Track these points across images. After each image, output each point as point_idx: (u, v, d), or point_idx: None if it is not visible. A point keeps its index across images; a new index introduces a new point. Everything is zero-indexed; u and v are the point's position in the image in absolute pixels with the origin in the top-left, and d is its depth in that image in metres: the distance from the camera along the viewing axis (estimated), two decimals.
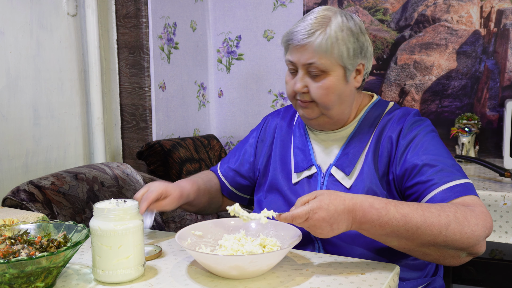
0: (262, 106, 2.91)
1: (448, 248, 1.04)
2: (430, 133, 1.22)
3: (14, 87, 1.90)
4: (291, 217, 1.00)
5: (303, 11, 2.76)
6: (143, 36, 2.39)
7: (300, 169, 1.30)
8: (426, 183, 1.13)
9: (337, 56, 1.18)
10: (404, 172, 1.18)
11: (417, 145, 1.19)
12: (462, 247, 1.04)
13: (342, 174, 1.24)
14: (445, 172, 1.13)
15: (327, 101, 1.21)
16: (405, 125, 1.23)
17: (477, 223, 1.03)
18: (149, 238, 1.27)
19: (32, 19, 1.98)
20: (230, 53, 2.95)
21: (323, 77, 1.20)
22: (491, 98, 2.46)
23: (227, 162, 1.48)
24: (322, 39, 1.17)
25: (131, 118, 2.45)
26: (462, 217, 1.03)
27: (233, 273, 0.99)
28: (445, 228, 1.02)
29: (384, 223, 1.01)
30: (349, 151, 1.25)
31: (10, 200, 1.46)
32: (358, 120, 1.29)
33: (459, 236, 1.02)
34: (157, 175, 2.31)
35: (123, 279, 0.99)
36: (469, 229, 1.02)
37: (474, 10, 2.44)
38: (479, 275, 2.45)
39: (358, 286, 0.97)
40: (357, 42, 1.20)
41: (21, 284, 0.93)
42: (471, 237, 1.02)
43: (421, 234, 1.02)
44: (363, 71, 1.25)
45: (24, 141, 1.96)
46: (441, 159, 1.16)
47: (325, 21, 1.19)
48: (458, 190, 1.11)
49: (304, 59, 1.19)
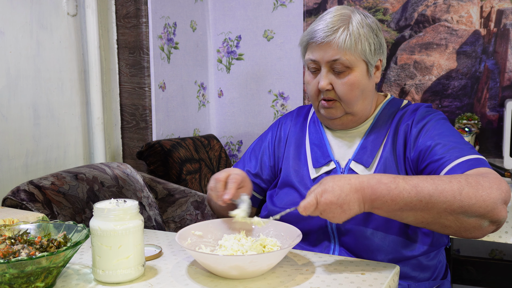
0: (262, 106, 2.91)
1: (467, 216, 1.01)
2: (442, 119, 1.25)
3: (14, 87, 1.90)
4: (303, 208, 1.01)
5: (303, 11, 2.76)
6: (143, 36, 2.39)
7: (319, 164, 1.30)
8: (439, 161, 1.14)
9: (360, 52, 1.21)
10: (418, 155, 1.20)
11: (429, 129, 1.21)
12: (481, 212, 1.01)
13: (361, 167, 1.25)
14: (457, 149, 1.14)
15: (352, 97, 1.24)
16: (418, 113, 1.27)
17: (491, 186, 1.01)
18: (149, 238, 1.27)
19: (32, 19, 1.98)
20: (230, 53, 2.95)
21: (348, 73, 1.22)
22: (491, 98, 2.46)
23: (245, 167, 1.46)
24: (346, 35, 1.19)
25: (131, 118, 2.45)
26: (475, 182, 1.02)
27: (233, 273, 0.99)
28: (459, 193, 1.00)
29: (395, 196, 1.01)
30: (367, 145, 1.27)
31: (10, 200, 1.46)
32: (374, 117, 1.31)
33: (474, 200, 1.00)
34: (157, 175, 2.31)
35: (123, 279, 0.99)
36: (484, 192, 1.00)
37: (474, 10, 2.44)
38: (479, 275, 2.45)
39: (358, 286, 0.97)
40: (376, 38, 1.24)
41: (21, 284, 0.93)
42: (488, 200, 1.00)
43: (435, 202, 1.00)
44: (381, 67, 1.29)
45: (24, 141, 1.96)
46: (452, 139, 1.17)
47: (345, 18, 1.22)
48: (471, 163, 1.11)
49: (329, 56, 1.21)
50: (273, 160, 1.42)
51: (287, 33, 2.80)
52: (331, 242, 1.24)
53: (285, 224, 1.14)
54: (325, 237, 1.24)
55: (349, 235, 1.21)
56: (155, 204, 1.83)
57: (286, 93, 2.84)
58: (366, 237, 1.19)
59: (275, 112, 2.88)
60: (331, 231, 1.23)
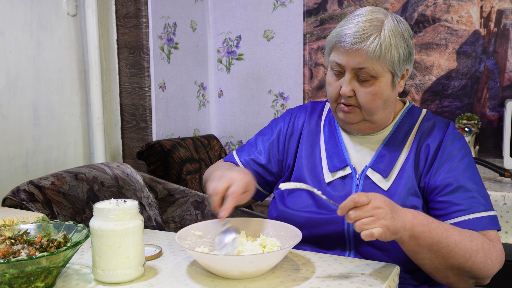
0: (262, 106, 2.91)
1: (468, 276, 1.08)
2: (468, 156, 1.21)
3: (14, 87, 1.90)
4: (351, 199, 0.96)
5: (303, 11, 2.76)
6: (143, 36, 2.39)
7: (335, 168, 1.25)
8: (456, 206, 1.14)
9: (388, 63, 1.15)
10: (436, 187, 1.18)
11: (454, 166, 1.18)
12: (479, 277, 1.08)
13: (379, 177, 1.22)
14: (476, 200, 1.14)
15: (373, 107, 1.19)
16: (446, 138, 1.22)
17: (496, 259, 1.09)
18: (149, 238, 1.27)
19: (32, 19, 1.98)
20: (230, 53, 2.95)
21: (372, 83, 1.17)
22: (491, 98, 2.46)
23: (250, 155, 1.37)
24: (377, 44, 1.12)
25: (131, 118, 2.45)
26: (488, 250, 1.08)
27: (233, 273, 0.99)
28: (475, 255, 1.06)
29: (432, 230, 1.03)
30: (385, 154, 1.23)
31: (10, 200, 1.46)
32: (393, 125, 1.27)
33: (482, 266, 1.07)
34: (157, 175, 2.31)
35: (123, 279, 0.99)
36: (491, 263, 1.08)
37: (474, 10, 2.44)
38: None
39: (358, 286, 0.97)
40: (407, 47, 1.17)
41: (21, 284, 0.93)
42: (491, 270, 1.08)
43: (456, 253, 1.05)
44: (406, 76, 1.23)
45: (24, 141, 1.96)
46: (475, 186, 1.17)
47: (378, 24, 1.14)
48: (484, 222, 1.13)
49: (355, 63, 1.15)
50: (282, 154, 1.35)
51: (287, 33, 2.80)
52: (346, 249, 1.21)
53: (285, 224, 1.14)
54: (340, 244, 1.21)
55: (367, 243, 1.18)
56: (155, 204, 1.83)
57: (286, 93, 2.84)
58: (385, 246, 1.17)
59: (275, 112, 2.88)
60: (347, 238, 1.20)
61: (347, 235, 1.20)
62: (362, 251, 1.19)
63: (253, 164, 1.36)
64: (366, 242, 1.17)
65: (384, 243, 1.16)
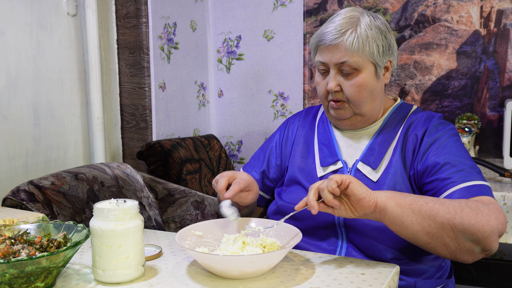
0: (262, 106, 2.91)
1: (464, 238, 1.04)
2: (454, 136, 1.25)
3: (14, 87, 1.90)
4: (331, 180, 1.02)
5: (303, 11, 2.76)
6: (143, 36, 2.39)
7: (326, 163, 1.32)
8: (445, 181, 1.16)
9: (368, 54, 1.23)
10: (425, 169, 1.21)
11: (440, 145, 1.22)
12: (477, 237, 1.04)
13: (369, 169, 1.27)
14: (464, 172, 1.16)
15: (360, 98, 1.25)
16: (431, 125, 1.27)
17: (490, 214, 1.05)
18: (149, 238, 1.27)
19: (32, 19, 1.98)
20: (230, 53, 2.95)
21: (356, 75, 1.24)
22: (491, 98, 2.46)
23: (252, 168, 1.49)
24: (354, 37, 1.21)
25: (131, 118, 2.45)
26: (475, 207, 1.06)
27: (233, 273, 0.99)
28: (460, 210, 1.04)
29: (404, 196, 1.06)
30: (375, 147, 1.29)
31: (10, 200, 1.46)
32: (383, 119, 1.33)
33: (474, 221, 1.03)
34: (157, 175, 2.31)
35: (123, 279, 0.99)
36: (483, 218, 1.04)
37: (474, 10, 2.44)
38: (479, 275, 2.45)
39: (358, 286, 0.97)
40: (385, 39, 1.25)
41: (21, 284, 0.93)
42: (486, 226, 1.04)
43: (439, 209, 1.04)
44: (390, 68, 1.30)
45: (24, 141, 1.96)
46: (462, 160, 1.19)
47: (354, 20, 1.24)
48: (475, 190, 1.13)
49: (336, 58, 1.23)
50: (279, 159, 1.45)
51: (287, 33, 2.80)
52: (339, 238, 1.25)
53: (285, 224, 1.14)
54: (332, 234, 1.26)
55: (357, 232, 1.22)
56: (155, 204, 1.83)
57: (286, 93, 2.84)
58: (374, 234, 1.20)
59: (275, 112, 2.88)
60: (338, 227, 1.25)
61: (337, 226, 1.25)
62: (353, 239, 1.23)
63: (256, 174, 1.47)
64: (357, 232, 1.22)
65: (374, 232, 1.20)
